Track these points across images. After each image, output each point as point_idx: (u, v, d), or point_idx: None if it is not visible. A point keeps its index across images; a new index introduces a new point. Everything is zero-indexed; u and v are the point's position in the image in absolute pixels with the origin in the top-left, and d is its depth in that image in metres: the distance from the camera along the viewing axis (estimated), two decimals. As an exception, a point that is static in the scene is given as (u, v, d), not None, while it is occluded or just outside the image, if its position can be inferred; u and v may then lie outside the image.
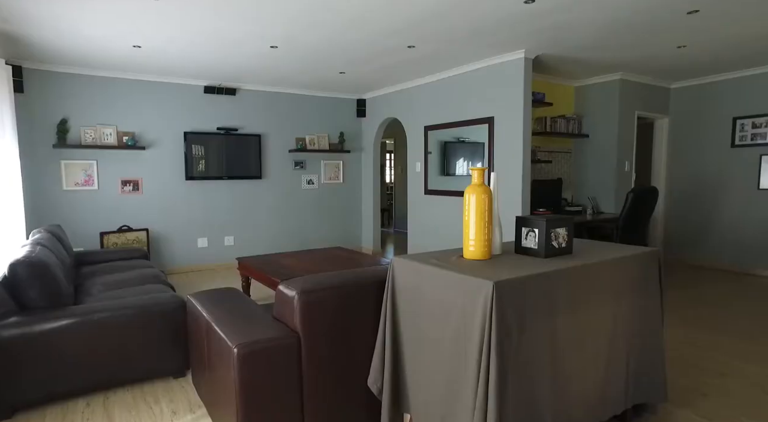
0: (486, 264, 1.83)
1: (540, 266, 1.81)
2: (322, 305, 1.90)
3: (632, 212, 4.23)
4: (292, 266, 3.92)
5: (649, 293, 2.15)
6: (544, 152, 5.54)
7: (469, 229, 1.92)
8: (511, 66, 4.49)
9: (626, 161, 5.61)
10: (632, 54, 4.55)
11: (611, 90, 5.46)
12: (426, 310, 1.82)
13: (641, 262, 2.12)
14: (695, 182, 5.86)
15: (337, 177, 6.91)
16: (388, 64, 4.93)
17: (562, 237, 2.01)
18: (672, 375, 2.70)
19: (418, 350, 1.87)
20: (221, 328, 1.93)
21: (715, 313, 3.91)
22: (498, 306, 1.53)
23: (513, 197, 4.55)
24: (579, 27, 3.70)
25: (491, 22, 3.58)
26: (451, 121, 5.26)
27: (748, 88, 5.32)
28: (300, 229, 6.62)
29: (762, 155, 5.23)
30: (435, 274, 1.78)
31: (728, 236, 5.57)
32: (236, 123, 6.02)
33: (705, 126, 5.72)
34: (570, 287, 1.81)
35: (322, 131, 6.70)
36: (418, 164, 5.84)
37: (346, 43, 4.16)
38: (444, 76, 5.30)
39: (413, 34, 3.87)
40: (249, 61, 4.78)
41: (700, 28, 3.77)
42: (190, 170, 5.67)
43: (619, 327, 2.01)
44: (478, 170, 1.91)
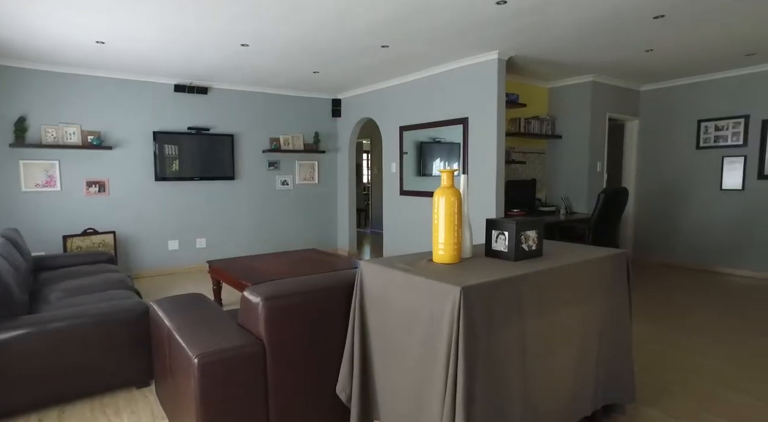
0: (455, 268, 1.81)
1: (509, 269, 1.80)
2: (287, 312, 1.85)
3: (604, 212, 4.29)
4: (264, 269, 3.84)
5: (617, 295, 2.17)
6: (518, 152, 5.59)
7: (438, 232, 1.89)
8: (485, 67, 4.50)
9: (598, 161, 5.71)
10: (603, 57, 4.62)
11: (583, 92, 5.55)
12: (394, 315, 1.79)
13: (610, 263, 2.14)
14: (663, 182, 6.01)
15: (312, 178, 6.83)
16: (363, 64, 4.88)
17: (532, 240, 2.00)
18: (640, 373, 2.74)
19: (387, 356, 1.83)
20: (183, 337, 1.85)
21: (679, 311, 4.00)
22: (465, 312, 1.50)
23: (487, 197, 4.57)
24: (550, 29, 3.73)
25: (464, 23, 3.58)
26: (426, 121, 5.25)
27: (711, 92, 5.49)
28: (275, 230, 6.52)
29: (724, 156, 5.40)
30: (403, 279, 1.75)
31: (694, 236, 5.73)
32: (208, 123, 5.87)
33: (672, 128, 5.87)
34: (539, 291, 1.80)
35: (296, 131, 6.61)
36: (394, 164, 5.81)
37: (319, 43, 4.10)
38: (419, 77, 5.29)
39: (386, 33, 3.83)
40: (219, 60, 4.66)
41: (666, 33, 3.86)
42: (161, 170, 5.51)
43: (588, 328, 2.02)
44: (447, 172, 1.89)
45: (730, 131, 5.34)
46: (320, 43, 4.10)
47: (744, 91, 5.23)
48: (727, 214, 5.43)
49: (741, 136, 5.25)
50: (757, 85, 5.13)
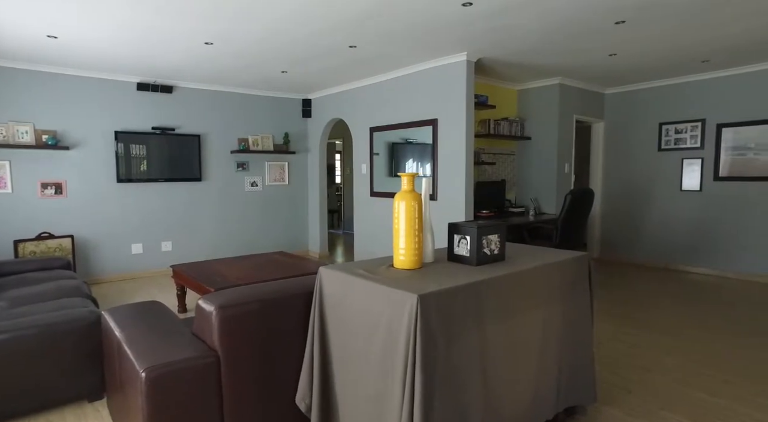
0: (415, 274, 1.78)
1: (470, 274, 1.78)
2: (243, 321, 1.78)
3: (570, 213, 4.37)
4: (229, 273, 3.74)
5: (579, 298, 2.19)
6: (488, 153, 5.63)
7: (398, 238, 1.86)
8: (454, 68, 4.51)
9: (566, 163, 5.81)
10: (569, 60, 4.70)
11: (551, 94, 5.63)
12: (353, 323, 1.75)
13: (571, 266, 2.15)
14: (628, 183, 6.17)
15: (282, 179, 6.72)
16: (331, 64, 4.82)
17: (494, 244, 2.00)
18: (600, 372, 2.79)
19: (347, 364, 1.79)
20: (132, 348, 1.76)
21: (642, 309, 4.10)
22: (423, 320, 1.48)
23: (456, 199, 4.58)
24: (516, 31, 3.76)
25: (431, 24, 3.57)
26: (396, 122, 5.23)
27: (671, 96, 5.66)
28: (244, 232, 6.38)
29: (683, 158, 5.58)
30: (361, 286, 1.71)
31: (657, 235, 5.90)
32: (174, 122, 5.69)
33: (635, 130, 6.04)
34: (500, 296, 1.80)
35: (266, 131, 6.49)
36: (364, 166, 5.77)
37: (285, 42, 4.02)
38: (389, 78, 5.26)
39: (353, 33, 3.79)
40: (183, 58, 4.52)
41: (628, 38, 3.95)
42: (123, 171, 5.31)
43: (549, 332, 2.03)
44: (408, 176, 1.86)
45: (688, 134, 5.52)
46: (286, 42, 4.02)
47: (700, 96, 5.42)
48: (687, 214, 5.61)
49: (698, 139, 5.44)
50: (711, 91, 5.32)
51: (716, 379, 2.71)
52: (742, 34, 3.86)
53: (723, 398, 2.49)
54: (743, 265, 5.19)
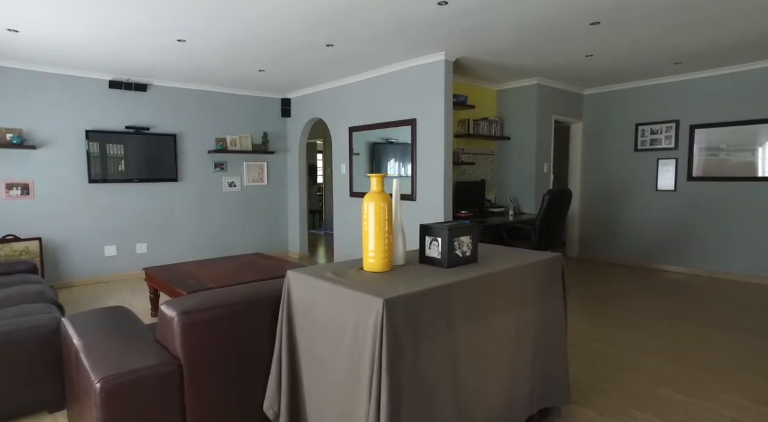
0: (384, 277, 1.75)
1: (441, 277, 1.76)
2: (207, 327, 1.72)
3: (548, 213, 4.38)
4: (203, 275, 3.65)
5: (552, 299, 2.18)
6: (467, 153, 5.64)
7: (368, 240, 1.82)
8: (432, 68, 4.49)
9: (545, 163, 5.85)
10: (546, 61, 4.72)
11: (529, 94, 5.66)
12: (322, 328, 1.71)
13: (544, 268, 2.14)
14: (605, 183, 6.24)
15: (261, 179, 6.62)
16: (309, 63, 4.76)
17: (466, 245, 1.98)
18: (576, 372, 2.79)
19: (315, 370, 1.75)
20: (89, 357, 1.68)
21: (619, 308, 4.15)
22: (389, 324, 1.44)
23: (435, 199, 4.56)
24: (493, 31, 3.76)
25: (407, 23, 3.54)
26: (375, 122, 5.20)
27: (646, 98, 5.75)
28: (222, 234, 6.27)
29: (659, 158, 5.67)
30: (329, 290, 1.67)
31: (633, 234, 5.99)
32: (148, 121, 5.56)
33: (613, 131, 6.11)
34: (472, 298, 1.77)
35: (244, 131, 6.38)
36: (343, 166, 5.72)
37: (261, 40, 3.95)
38: (367, 77, 5.22)
39: (329, 32, 3.74)
40: (156, 55, 4.41)
41: (603, 39, 3.98)
42: (95, 171, 5.15)
43: (522, 334, 2.01)
44: (377, 177, 1.82)
45: (663, 134, 5.61)
46: (261, 40, 3.94)
47: (674, 97, 5.51)
48: (662, 213, 5.70)
49: (673, 140, 5.53)
50: (684, 93, 5.42)
51: (686, 376, 2.74)
52: (712, 37, 3.93)
53: (692, 395, 2.52)
54: (715, 263, 5.29)
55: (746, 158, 5.01)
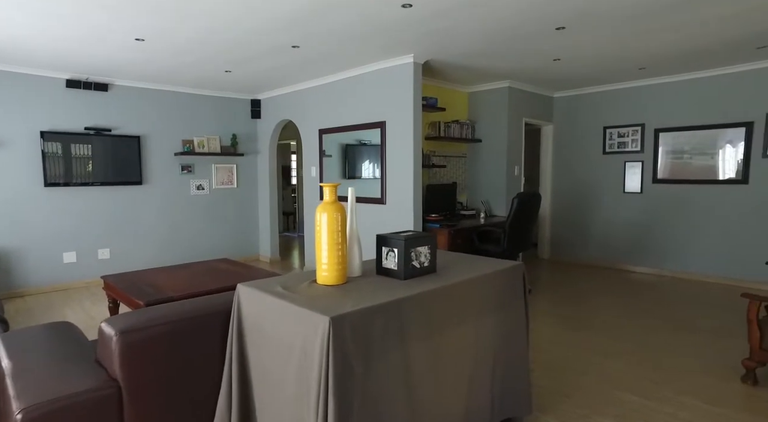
0: (337, 291, 1.69)
1: (396, 290, 1.71)
2: (150, 346, 1.63)
3: (517, 217, 4.40)
4: (164, 284, 3.51)
5: (513, 309, 2.15)
6: (439, 156, 5.62)
7: (320, 252, 1.76)
8: (401, 70, 4.45)
9: (516, 165, 5.88)
10: (515, 64, 4.74)
11: (500, 97, 5.68)
12: (271, 345, 1.63)
13: (506, 277, 2.12)
14: (575, 185, 6.32)
15: (230, 182, 6.47)
16: (276, 64, 4.66)
17: (424, 256, 1.93)
18: (541, 377, 2.79)
19: (266, 390, 1.68)
20: (15, 383, 1.57)
21: (586, 310, 4.19)
22: (336, 343, 1.38)
23: (405, 202, 4.52)
24: (460, 35, 3.73)
25: (373, 25, 3.49)
26: (344, 124, 5.13)
27: (613, 101, 5.84)
28: (189, 238, 6.09)
29: (626, 161, 5.77)
30: (277, 305, 1.60)
31: (602, 236, 6.08)
32: (110, 123, 5.35)
33: (582, 134, 6.19)
34: (428, 311, 1.73)
35: (212, 132, 6.22)
36: (313, 168, 5.63)
37: (225, 41, 3.83)
38: (336, 79, 5.15)
39: (295, 33, 3.65)
40: (115, 54, 4.23)
41: (569, 44, 4.01)
42: (51, 174, 4.93)
43: (482, 345, 1.98)
44: (329, 187, 1.76)
45: (629, 137, 5.71)
46: (224, 41, 3.83)
47: (639, 101, 5.61)
48: (629, 215, 5.81)
49: (639, 143, 5.63)
50: (649, 97, 5.53)
51: (646, 379, 2.77)
52: (674, 45, 4.00)
53: (650, 398, 2.54)
54: (678, 264, 5.41)
55: (707, 161, 5.13)
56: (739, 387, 2.68)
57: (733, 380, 2.76)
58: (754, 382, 2.70)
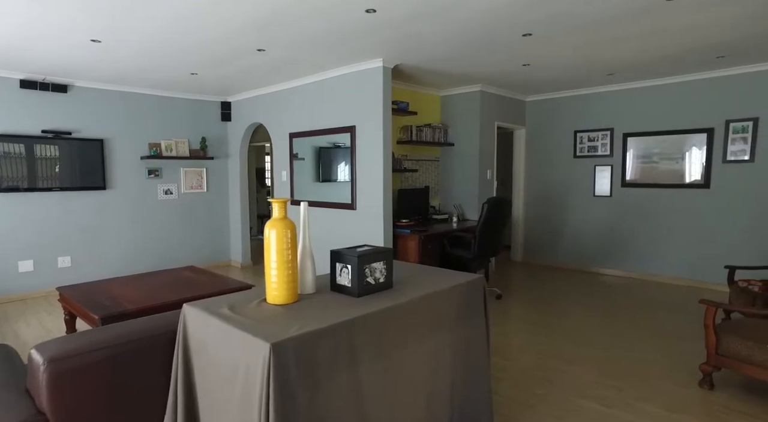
0: (285, 312, 1.62)
1: (348, 309, 1.65)
2: (84, 375, 1.54)
3: (487, 222, 4.39)
4: (123, 296, 3.38)
5: (473, 323, 2.12)
6: (411, 160, 5.59)
7: (269, 270, 1.69)
8: (370, 74, 4.40)
9: (488, 169, 5.89)
10: (486, 69, 4.73)
11: (472, 101, 5.68)
12: (216, 369, 1.56)
13: (465, 291, 2.08)
14: (547, 189, 6.38)
15: (200, 186, 6.31)
16: (243, 67, 4.55)
17: (379, 272, 1.88)
18: (506, 387, 2.77)
19: (212, 416, 1.60)
20: (-65, 417, 1.46)
21: (555, 315, 4.21)
22: (277, 370, 1.32)
23: (375, 208, 4.47)
24: (427, 40, 3.70)
25: (338, 30, 3.42)
26: (314, 129, 5.04)
27: (584, 106, 5.91)
28: (157, 244, 5.92)
29: (596, 165, 5.85)
30: (221, 328, 1.52)
31: (574, 239, 6.15)
32: (70, 125, 5.15)
33: (554, 137, 6.25)
34: (382, 330, 1.68)
35: (180, 135, 6.06)
36: (284, 172, 5.53)
37: (186, 45, 3.71)
38: (306, 82, 5.06)
39: (259, 37, 3.56)
40: (71, 55, 4.06)
41: (537, 51, 4.02)
42: (4, 179, 4.71)
43: (441, 361, 1.94)
44: (279, 202, 1.69)
45: (599, 142, 5.79)
46: (186, 45, 3.71)
47: (608, 106, 5.69)
48: (599, 218, 5.89)
49: (608, 147, 5.71)
50: (617, 102, 5.61)
51: (609, 386, 2.79)
52: (639, 52, 4.05)
53: (612, 406, 2.55)
54: (646, 266, 5.51)
55: (673, 165, 5.23)
56: (697, 392, 2.72)
57: (692, 385, 2.80)
58: (710, 386, 2.74)
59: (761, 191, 4.70)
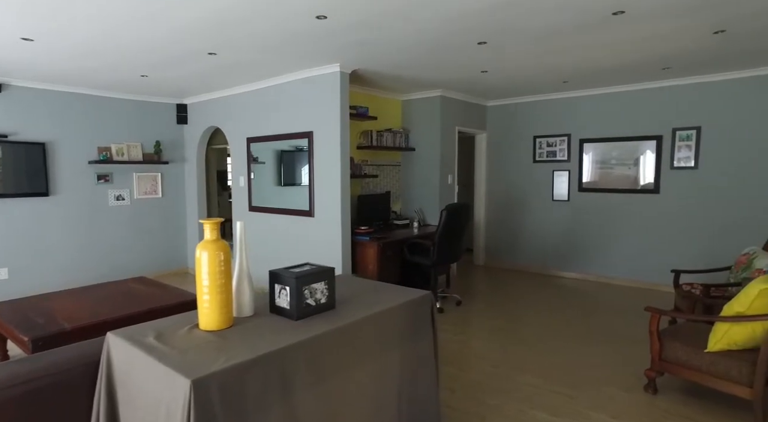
0: (215, 340, 1.54)
1: (284, 334, 1.58)
2: (-10, 415, 1.41)
3: (446, 229, 4.39)
4: (61, 312, 3.17)
5: (420, 340, 2.09)
6: (372, 165, 5.54)
7: (201, 294, 1.60)
8: (328, 79, 4.32)
9: (449, 174, 5.91)
10: (445, 74, 4.74)
11: (433, 106, 5.69)
12: (140, 401, 1.46)
13: (412, 308, 2.05)
14: (508, 193, 6.46)
15: (154, 191, 6.06)
16: (195, 70, 4.39)
17: (320, 292, 1.82)
18: (459, 399, 2.76)
19: (136, 451, 1.50)
20: None
21: (512, 321, 4.25)
22: (198, 408, 1.24)
23: (333, 215, 4.40)
24: (383, 46, 3.66)
25: (289, 35, 3.33)
26: (272, 134, 4.92)
27: (542, 111, 6.02)
28: (108, 253, 5.64)
29: (554, 170, 5.97)
30: (143, 360, 1.43)
31: (534, 242, 6.25)
32: (6, 128, 4.83)
33: (514, 142, 6.33)
34: (321, 355, 1.62)
35: (133, 139, 5.80)
36: (242, 178, 5.38)
37: (128, 46, 3.54)
38: (264, 86, 4.94)
39: (209, 40, 3.42)
40: (1, 53, 3.80)
41: (493, 58, 4.04)
42: (-66, 188, 4.37)
43: (386, 383, 1.90)
44: (210, 223, 1.61)
45: (557, 147, 5.91)
46: (128, 46, 3.53)
47: (565, 112, 5.82)
48: (558, 222, 6.01)
49: (566, 152, 5.84)
50: (573, 109, 5.74)
51: (560, 395, 2.82)
52: (589, 61, 4.14)
53: (562, 416, 2.57)
54: (604, 269, 5.66)
55: (626, 171, 5.40)
56: (642, 397, 2.79)
57: (638, 389, 2.87)
58: (654, 391, 2.82)
59: (704, 196, 4.90)
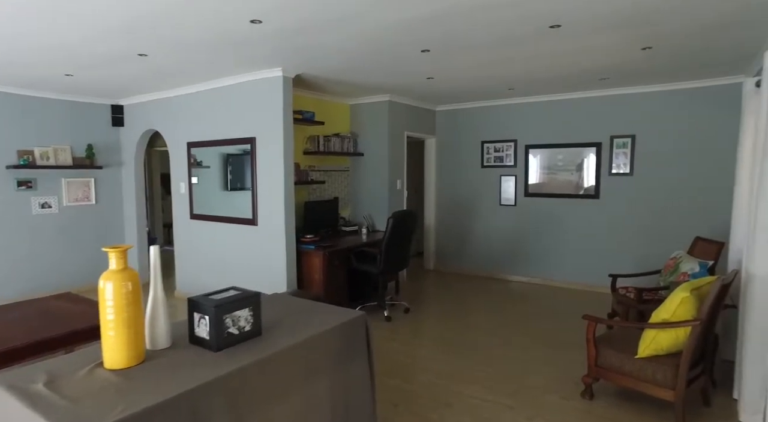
0: (119, 382, 1.40)
1: (201, 369, 1.47)
2: None
3: (393, 236, 4.36)
4: (-35, 339, 2.86)
5: (355, 363, 2.03)
6: (319, 171, 5.42)
7: (107, 330, 1.46)
8: (270, 83, 4.17)
9: (398, 179, 5.89)
10: (391, 80, 4.70)
11: (381, 110, 5.64)
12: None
13: (346, 330, 1.98)
14: (457, 197, 6.53)
15: (87, 198, 5.66)
16: (126, 71, 4.11)
17: (244, 320, 1.72)
18: (400, 415, 2.71)
19: None
20: None
21: (459, 328, 4.28)
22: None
23: (277, 223, 4.26)
24: (324, 51, 3.56)
25: (223, 39, 3.18)
26: (213, 139, 4.71)
27: (489, 117, 6.12)
28: (32, 266, 5.21)
29: (501, 175, 6.08)
30: (26, 415, 1.27)
31: (482, 246, 6.35)
32: None
33: (462, 147, 6.40)
34: (243, 387, 1.52)
35: (61, 141, 5.38)
36: (183, 184, 5.12)
37: (49, 45, 3.25)
38: (204, 89, 4.71)
39: (139, 42, 3.20)
40: None
41: (438, 65, 4.04)
42: None
43: (316, 410, 1.82)
44: (116, 252, 1.47)
45: (504, 152, 6.03)
46: (49, 45, 3.25)
47: (511, 119, 5.94)
48: (505, 226, 6.13)
49: (512, 157, 5.96)
50: (519, 115, 5.87)
51: (501, 406, 2.84)
52: (531, 71, 4.23)
53: (504, 430, 2.60)
54: (549, 272, 5.83)
55: (569, 176, 5.58)
56: (579, 404, 2.86)
57: (575, 397, 2.94)
58: (590, 397, 2.90)
59: (638, 202, 5.14)
